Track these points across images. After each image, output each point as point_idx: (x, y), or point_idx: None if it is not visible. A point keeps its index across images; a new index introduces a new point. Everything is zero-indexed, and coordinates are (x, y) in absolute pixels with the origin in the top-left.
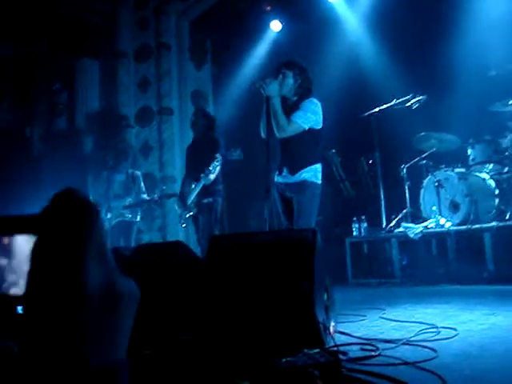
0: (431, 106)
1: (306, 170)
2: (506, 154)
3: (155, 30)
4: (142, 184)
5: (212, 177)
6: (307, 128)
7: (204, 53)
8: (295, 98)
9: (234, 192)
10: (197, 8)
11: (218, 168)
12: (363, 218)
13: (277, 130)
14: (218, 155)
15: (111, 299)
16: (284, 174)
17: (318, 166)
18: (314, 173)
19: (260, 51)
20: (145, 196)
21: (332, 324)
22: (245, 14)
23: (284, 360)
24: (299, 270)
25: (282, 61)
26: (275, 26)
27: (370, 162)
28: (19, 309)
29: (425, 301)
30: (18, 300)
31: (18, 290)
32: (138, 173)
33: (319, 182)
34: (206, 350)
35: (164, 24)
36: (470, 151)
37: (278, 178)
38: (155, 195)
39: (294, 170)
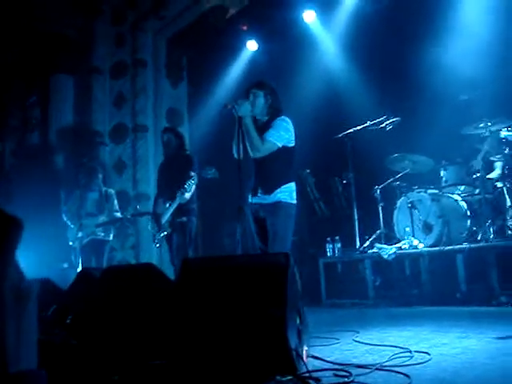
0: (405, 128)
1: (280, 189)
2: (478, 175)
3: (131, 46)
4: (116, 202)
5: (188, 195)
6: (281, 146)
7: (180, 70)
8: (266, 118)
9: (208, 211)
10: (174, 26)
11: (193, 187)
12: (337, 238)
13: (251, 150)
14: (193, 173)
15: (22, 298)
16: (259, 194)
17: (293, 185)
18: (288, 193)
19: (236, 70)
20: (118, 214)
21: (305, 348)
22: (221, 33)
23: None
24: (271, 295)
25: (252, 81)
26: (251, 45)
27: (344, 182)
28: None
29: (398, 323)
30: None
31: None
32: (112, 191)
33: (294, 202)
34: (177, 376)
35: (141, 41)
36: (442, 173)
37: (251, 199)
38: (128, 214)
39: (268, 191)
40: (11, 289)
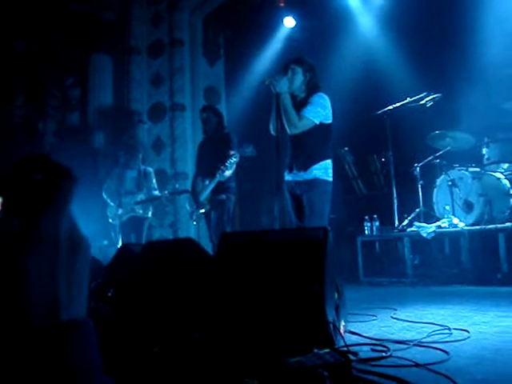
0: (446, 104)
1: (316, 166)
2: None
3: (168, 25)
4: (154, 180)
5: (228, 173)
6: (318, 123)
7: (217, 48)
8: (304, 94)
9: (246, 188)
10: (210, 4)
11: (234, 165)
12: (375, 216)
13: (288, 127)
14: (234, 152)
15: (75, 248)
16: (294, 171)
17: (329, 162)
18: (324, 170)
19: (273, 47)
20: (156, 192)
21: (342, 324)
22: (258, 10)
23: (293, 360)
24: (310, 269)
25: (291, 58)
26: (288, 22)
27: (383, 160)
28: None
29: (437, 301)
30: None
31: None
32: (150, 169)
33: (330, 179)
34: (216, 348)
35: (177, 20)
36: (484, 150)
37: (287, 176)
38: (166, 192)
39: (304, 167)
40: (65, 238)
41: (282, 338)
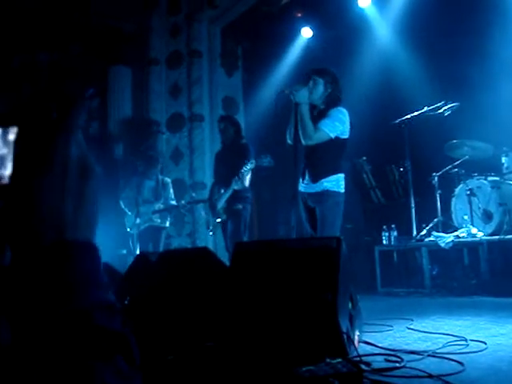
0: (464, 113)
1: (327, 179)
2: None
3: (187, 36)
4: (172, 191)
5: (245, 183)
6: (333, 137)
7: (235, 59)
8: (323, 107)
9: (263, 199)
10: (228, 15)
11: (249, 172)
12: (393, 226)
13: (303, 137)
14: (251, 160)
15: (85, 173)
16: (306, 181)
17: (341, 176)
18: (336, 182)
19: (291, 58)
20: (173, 202)
21: (357, 333)
22: (275, 21)
23: (305, 369)
24: (323, 279)
25: (314, 67)
26: (306, 32)
27: (401, 169)
28: None
29: (454, 312)
30: None
31: None
32: (168, 180)
33: (342, 190)
34: (229, 357)
35: (195, 31)
36: (503, 159)
37: (301, 187)
38: (183, 201)
39: (316, 178)
40: (74, 163)
41: (294, 347)
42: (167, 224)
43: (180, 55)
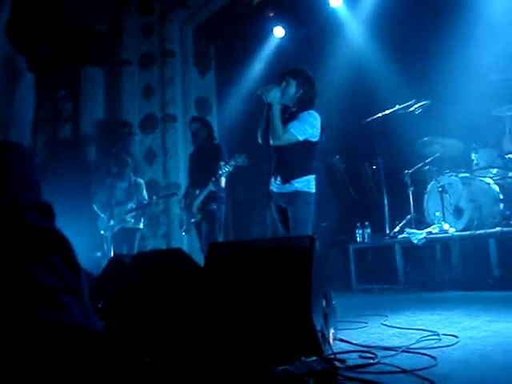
0: (434, 111)
1: (298, 180)
2: (510, 158)
3: (159, 37)
4: (145, 192)
5: (222, 183)
6: (302, 139)
7: (208, 59)
8: (295, 108)
9: (239, 198)
10: (200, 15)
11: (227, 174)
12: (367, 223)
13: (272, 137)
14: (225, 162)
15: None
16: (277, 182)
17: (311, 177)
18: (306, 183)
19: (263, 57)
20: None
21: (331, 331)
22: (248, 21)
23: (280, 368)
24: (296, 278)
25: (288, 68)
26: (278, 31)
27: (374, 167)
28: None
29: (428, 307)
30: None
31: None
32: (141, 181)
33: (312, 191)
34: (205, 358)
35: (168, 31)
36: (473, 156)
37: (272, 187)
38: (154, 197)
39: (286, 179)
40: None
41: (269, 346)
42: (141, 225)
43: (152, 55)
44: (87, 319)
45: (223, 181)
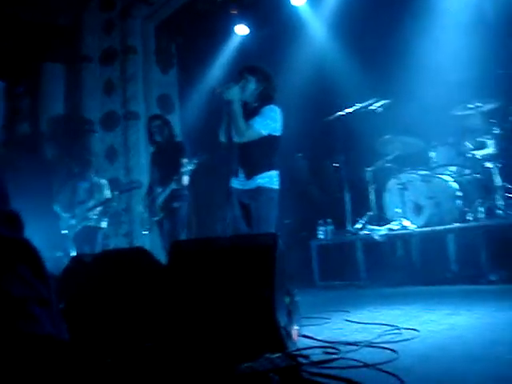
0: (395, 110)
1: (261, 175)
2: (468, 156)
3: (120, 33)
4: (108, 192)
5: (185, 181)
6: (266, 134)
7: (170, 56)
8: (256, 104)
9: (201, 196)
10: (163, 11)
11: (189, 172)
12: (329, 221)
13: (235, 134)
14: (188, 160)
15: None
16: (240, 178)
17: (275, 173)
18: (269, 179)
19: (227, 55)
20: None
21: (295, 328)
22: (210, 18)
23: (245, 365)
24: (259, 275)
25: (245, 65)
26: (241, 29)
27: (336, 165)
28: None
29: (389, 302)
30: None
31: None
32: (104, 181)
33: (276, 187)
34: (168, 357)
35: (129, 27)
36: (433, 154)
37: (234, 183)
38: (116, 192)
39: (249, 175)
40: None
41: (234, 344)
42: (103, 225)
43: (114, 52)
44: (56, 329)
45: (186, 179)
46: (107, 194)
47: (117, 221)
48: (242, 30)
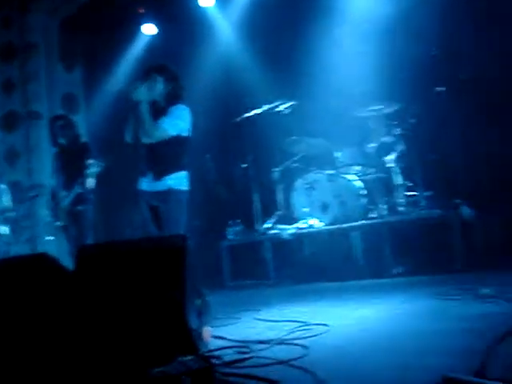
0: (302, 112)
1: (170, 177)
2: (371, 156)
3: (20, 28)
4: (8, 197)
5: (89, 184)
6: (175, 134)
7: (75, 54)
8: (164, 104)
9: (109, 199)
10: (66, 7)
11: (95, 175)
12: (238, 221)
13: (143, 135)
14: (93, 161)
15: None
16: (149, 180)
17: (184, 174)
18: (179, 180)
19: (134, 54)
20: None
21: (207, 329)
22: (117, 16)
23: (157, 370)
24: (170, 278)
25: (153, 65)
26: (149, 29)
27: (244, 165)
28: None
29: (298, 299)
30: None
31: None
32: (3, 186)
33: (185, 188)
34: (80, 365)
35: (31, 22)
36: (338, 154)
37: (143, 185)
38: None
39: (158, 176)
40: None
41: (146, 348)
42: (6, 231)
43: (13, 48)
44: None
45: (91, 181)
46: (6, 199)
47: (17, 226)
48: (149, 29)
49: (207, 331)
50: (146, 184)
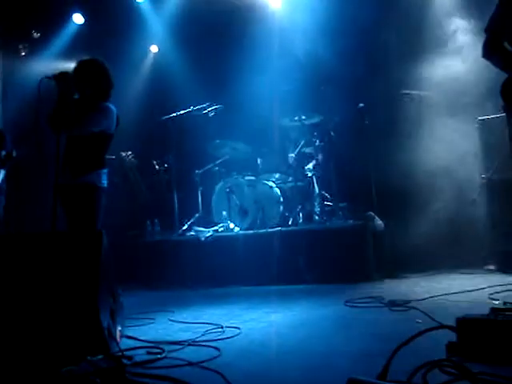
0: (227, 116)
1: (88, 173)
2: (291, 164)
3: None
4: None
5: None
6: (97, 131)
7: None
8: (90, 100)
9: (23, 191)
10: None
11: (5, 164)
12: (156, 221)
13: (65, 128)
14: (5, 151)
15: None
16: (67, 174)
17: (102, 171)
18: (96, 176)
19: (59, 42)
20: None
21: (119, 329)
22: (45, 2)
23: (65, 369)
24: (83, 274)
25: (81, 59)
26: (77, 18)
27: (166, 165)
28: None
29: (213, 302)
30: None
31: None
32: None
33: (102, 185)
34: None
35: None
36: (259, 160)
37: (60, 179)
38: None
39: (76, 172)
40: None
41: (56, 347)
42: None
43: None
44: None
45: (2, 172)
46: None
47: None
48: (78, 18)
49: (119, 331)
50: (63, 178)
